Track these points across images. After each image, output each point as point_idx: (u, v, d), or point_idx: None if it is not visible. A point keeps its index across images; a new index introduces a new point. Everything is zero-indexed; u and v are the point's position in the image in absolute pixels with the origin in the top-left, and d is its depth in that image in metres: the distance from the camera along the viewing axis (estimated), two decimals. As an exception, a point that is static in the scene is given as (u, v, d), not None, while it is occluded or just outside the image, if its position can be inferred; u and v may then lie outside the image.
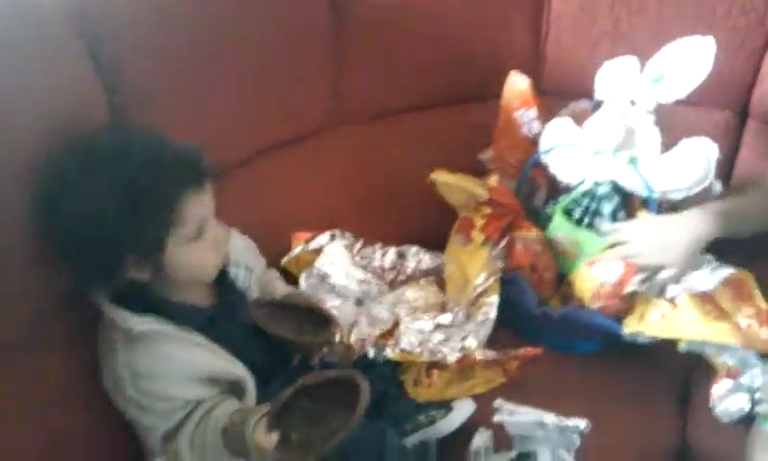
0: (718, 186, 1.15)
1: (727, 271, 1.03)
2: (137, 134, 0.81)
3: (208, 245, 0.84)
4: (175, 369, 0.81)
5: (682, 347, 1.00)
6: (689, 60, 1.09)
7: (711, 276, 1.03)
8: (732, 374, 0.96)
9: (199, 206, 0.81)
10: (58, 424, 0.83)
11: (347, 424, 0.74)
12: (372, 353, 1.03)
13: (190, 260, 0.83)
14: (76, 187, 0.75)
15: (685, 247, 1.02)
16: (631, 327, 1.03)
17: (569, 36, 1.35)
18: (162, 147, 0.79)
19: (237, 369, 0.86)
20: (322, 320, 0.96)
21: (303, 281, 1.16)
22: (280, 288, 1.06)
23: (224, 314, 0.91)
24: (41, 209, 0.76)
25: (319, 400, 0.78)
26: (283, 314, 0.96)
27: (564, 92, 1.34)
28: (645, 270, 1.05)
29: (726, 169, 1.29)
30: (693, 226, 1.02)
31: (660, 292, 1.05)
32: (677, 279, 1.05)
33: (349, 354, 1.04)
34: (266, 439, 0.75)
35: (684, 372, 1.10)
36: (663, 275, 1.05)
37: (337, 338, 1.03)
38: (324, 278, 1.18)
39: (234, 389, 0.87)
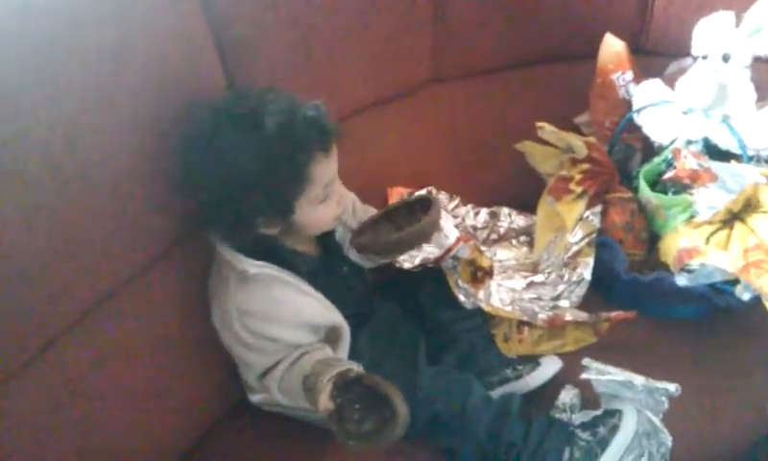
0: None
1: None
2: (266, 98, 0.84)
3: (333, 203, 0.90)
4: (282, 312, 0.87)
5: (738, 290, 0.96)
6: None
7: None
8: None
9: (326, 167, 0.86)
10: (166, 361, 0.90)
11: (368, 443, 0.76)
12: (462, 298, 1.04)
13: (317, 218, 0.89)
14: (210, 146, 0.80)
15: None
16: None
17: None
18: (293, 111, 0.83)
19: (337, 316, 0.91)
20: (423, 207, 0.98)
21: None
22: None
23: (328, 264, 0.96)
24: (177, 163, 0.83)
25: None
26: (381, 226, 1.01)
27: (671, 51, 1.29)
28: None
29: None
30: None
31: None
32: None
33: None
34: (325, 402, 0.78)
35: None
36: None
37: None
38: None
39: (330, 336, 0.93)
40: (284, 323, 0.87)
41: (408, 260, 1.07)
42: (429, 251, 1.07)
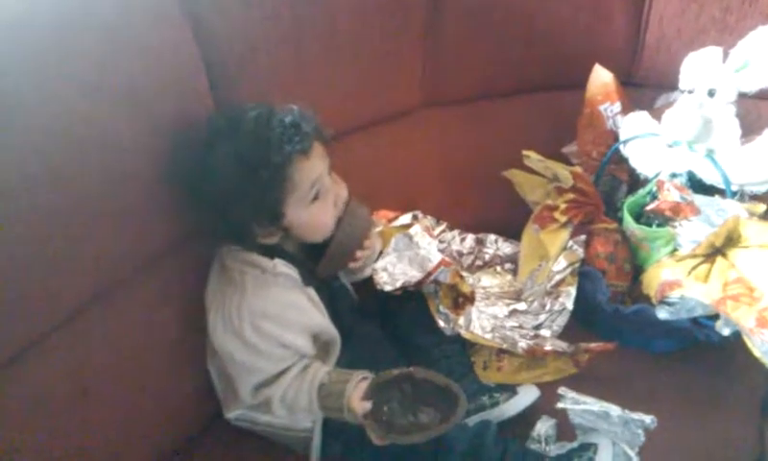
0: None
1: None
2: (246, 109, 0.86)
3: (328, 203, 0.90)
4: (298, 317, 0.89)
5: (718, 325, 0.95)
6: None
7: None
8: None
9: (308, 167, 0.85)
10: (155, 363, 0.90)
11: (429, 431, 0.80)
12: (442, 324, 1.04)
13: (313, 220, 0.89)
14: (198, 163, 0.84)
15: None
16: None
17: (674, 23, 1.30)
18: (268, 117, 0.84)
19: (333, 330, 0.93)
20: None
21: (394, 243, 1.12)
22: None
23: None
24: (180, 179, 0.86)
25: (419, 391, 0.83)
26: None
27: (661, 83, 1.29)
28: None
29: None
30: None
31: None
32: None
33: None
34: (360, 404, 0.81)
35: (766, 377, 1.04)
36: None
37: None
38: (414, 246, 1.13)
39: (321, 352, 0.94)
40: (297, 329, 0.88)
41: (389, 283, 1.06)
42: (411, 274, 1.07)
